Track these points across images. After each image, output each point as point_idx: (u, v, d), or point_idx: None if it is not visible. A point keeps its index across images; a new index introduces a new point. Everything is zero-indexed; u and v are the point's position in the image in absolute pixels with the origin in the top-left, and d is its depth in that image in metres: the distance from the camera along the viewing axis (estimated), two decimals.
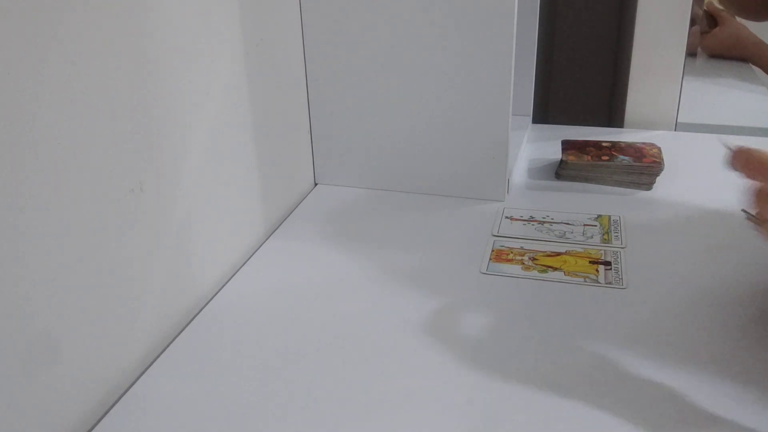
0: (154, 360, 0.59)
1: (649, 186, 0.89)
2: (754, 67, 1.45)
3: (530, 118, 1.08)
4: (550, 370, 0.56)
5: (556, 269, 0.70)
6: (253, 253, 0.76)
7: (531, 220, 0.81)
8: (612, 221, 0.80)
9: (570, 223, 0.80)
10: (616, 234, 0.77)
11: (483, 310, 0.64)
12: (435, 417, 0.52)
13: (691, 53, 1.07)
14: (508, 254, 0.74)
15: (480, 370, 0.57)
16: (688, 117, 1.10)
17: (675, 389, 0.53)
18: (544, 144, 1.04)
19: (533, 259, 0.72)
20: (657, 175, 0.89)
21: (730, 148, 0.56)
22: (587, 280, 0.68)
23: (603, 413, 0.51)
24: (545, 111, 1.20)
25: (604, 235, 0.77)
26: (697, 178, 0.92)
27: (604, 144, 0.95)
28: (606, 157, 0.91)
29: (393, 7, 0.80)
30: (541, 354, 0.58)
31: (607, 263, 0.71)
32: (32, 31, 0.45)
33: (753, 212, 0.59)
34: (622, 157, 0.90)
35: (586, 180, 0.91)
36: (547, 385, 0.54)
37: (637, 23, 1.04)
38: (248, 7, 0.71)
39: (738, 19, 1.44)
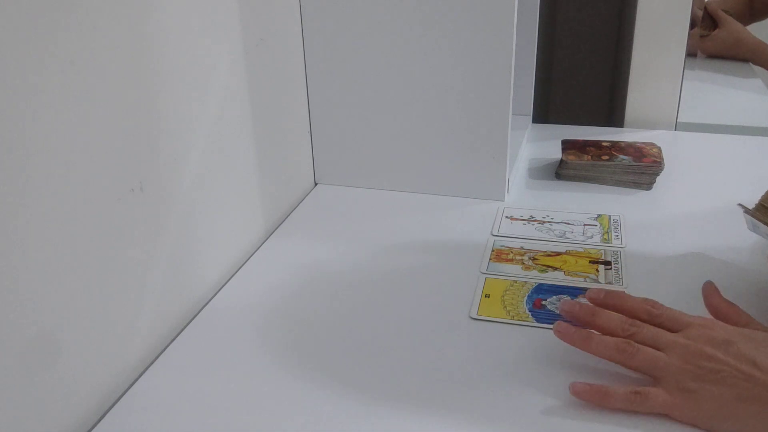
0: (154, 360, 0.59)
1: (649, 186, 0.89)
2: (754, 66, 1.44)
3: (530, 118, 1.08)
4: (551, 370, 0.56)
5: (556, 269, 0.70)
6: (253, 253, 0.76)
7: (531, 219, 0.81)
8: (612, 221, 0.80)
9: (570, 222, 0.80)
10: (616, 234, 0.77)
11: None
12: (434, 416, 0.52)
13: (691, 53, 1.07)
14: (508, 254, 0.74)
15: (480, 370, 0.57)
16: (688, 117, 1.10)
17: None
18: (544, 144, 1.04)
19: (533, 258, 0.72)
20: (657, 174, 0.89)
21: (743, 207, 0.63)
22: (587, 279, 0.68)
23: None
24: (545, 111, 1.20)
25: (604, 234, 0.77)
26: (697, 178, 0.92)
27: (604, 144, 0.95)
28: (606, 157, 0.91)
29: (393, 7, 0.80)
30: (543, 354, 0.58)
31: (607, 263, 0.71)
32: (32, 31, 0.45)
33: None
34: (622, 156, 0.90)
35: (586, 180, 0.91)
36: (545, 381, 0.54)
37: (637, 23, 1.04)
38: (248, 6, 0.71)
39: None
